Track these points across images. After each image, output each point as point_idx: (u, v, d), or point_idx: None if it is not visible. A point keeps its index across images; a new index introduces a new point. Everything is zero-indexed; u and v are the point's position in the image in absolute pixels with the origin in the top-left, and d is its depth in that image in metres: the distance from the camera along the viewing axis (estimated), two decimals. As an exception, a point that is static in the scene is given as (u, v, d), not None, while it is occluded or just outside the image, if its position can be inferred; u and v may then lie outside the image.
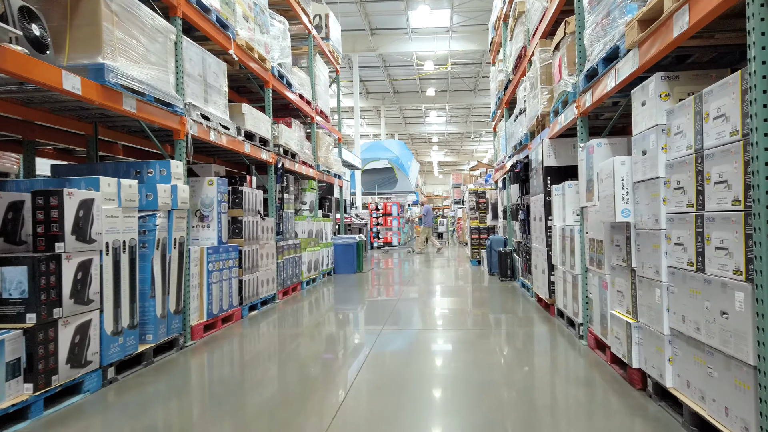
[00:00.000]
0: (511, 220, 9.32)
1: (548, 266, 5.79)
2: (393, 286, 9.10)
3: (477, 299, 7.41)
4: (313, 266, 9.34)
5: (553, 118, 5.54)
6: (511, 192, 8.70)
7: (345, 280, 9.96)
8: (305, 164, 9.15)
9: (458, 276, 10.42)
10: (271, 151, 7.30)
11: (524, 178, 7.46)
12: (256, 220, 6.58)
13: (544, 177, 5.81)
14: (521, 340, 4.80)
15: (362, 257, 11.64)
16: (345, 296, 7.99)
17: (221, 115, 5.70)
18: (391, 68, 24.89)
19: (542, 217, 5.96)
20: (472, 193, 12.48)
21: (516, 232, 8.55)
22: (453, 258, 14.96)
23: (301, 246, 8.65)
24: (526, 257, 7.52)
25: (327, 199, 11.32)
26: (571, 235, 4.78)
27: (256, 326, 5.75)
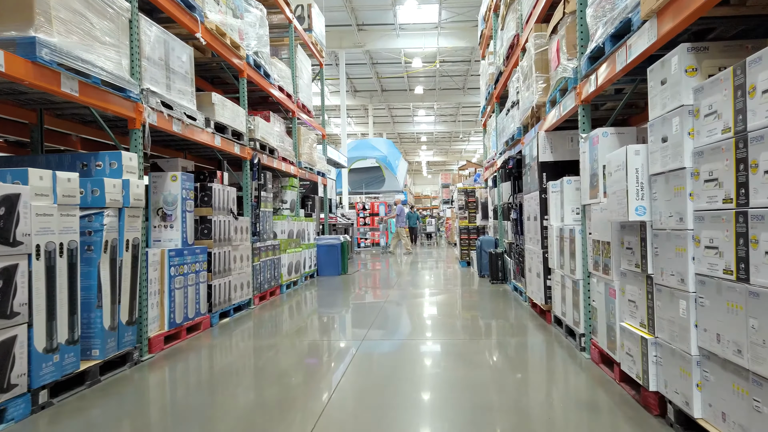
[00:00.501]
0: (502, 219, 8.88)
1: (544, 269, 5.33)
2: (378, 289, 8.62)
3: (467, 304, 6.95)
4: (294, 268, 8.83)
5: (549, 108, 5.09)
6: (503, 190, 8.26)
7: (328, 283, 9.46)
8: (285, 161, 8.64)
9: (447, 278, 9.97)
10: (245, 145, 6.78)
11: (517, 175, 7.02)
12: (228, 219, 6.06)
13: (539, 173, 5.36)
14: (516, 352, 4.34)
15: (347, 259, 11.14)
16: (326, 300, 7.49)
17: (187, 104, 5.18)
18: (378, 66, 24.43)
19: (537, 216, 5.51)
20: (461, 192, 12.03)
21: (507, 233, 8.11)
22: (442, 259, 14.52)
23: (281, 247, 8.14)
24: (519, 259, 7.07)
25: (310, 198, 10.82)
26: (571, 236, 4.32)
27: (227, 335, 5.24)
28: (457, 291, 8.20)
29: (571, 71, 4.22)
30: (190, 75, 5.32)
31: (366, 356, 4.35)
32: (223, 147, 6.08)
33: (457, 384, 3.56)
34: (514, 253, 7.54)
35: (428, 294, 7.92)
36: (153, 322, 4.55)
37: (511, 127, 7.13)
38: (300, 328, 5.56)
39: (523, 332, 5.09)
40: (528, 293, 6.34)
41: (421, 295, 7.86)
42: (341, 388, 3.51)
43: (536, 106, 5.37)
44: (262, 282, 7.28)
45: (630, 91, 3.97)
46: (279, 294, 8.06)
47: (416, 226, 22.05)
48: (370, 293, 8.16)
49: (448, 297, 7.60)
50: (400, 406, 3.17)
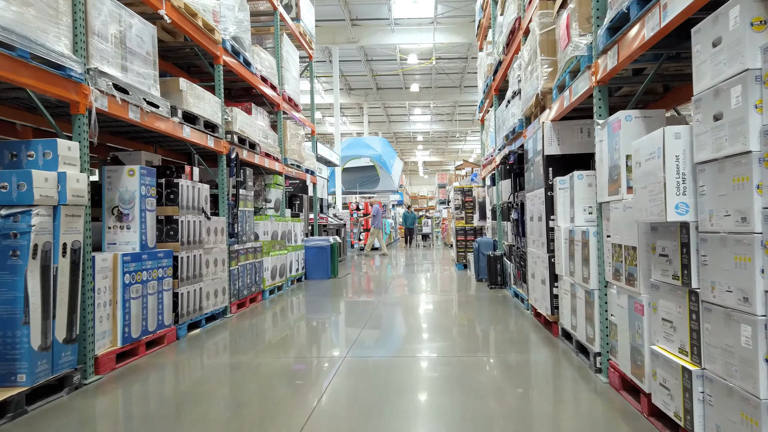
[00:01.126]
0: (501, 220, 8.31)
1: (550, 276, 4.76)
2: (369, 294, 8.04)
3: (464, 312, 6.37)
4: (279, 272, 8.24)
5: (556, 95, 4.52)
6: (502, 189, 7.69)
7: (316, 288, 8.87)
8: (269, 157, 8.04)
9: (443, 283, 9.38)
10: (221, 138, 6.19)
11: (518, 172, 6.44)
12: (200, 219, 5.47)
13: (544, 168, 4.78)
14: (521, 373, 3.75)
15: (337, 261, 10.55)
16: (311, 307, 6.90)
17: (148, 89, 4.58)
18: (373, 62, 23.85)
19: (542, 216, 4.93)
20: (458, 192, 11.46)
21: (507, 234, 7.54)
22: (438, 261, 13.94)
23: (263, 250, 7.54)
24: (520, 263, 6.49)
25: (298, 198, 10.22)
26: (584, 238, 3.75)
27: (194, 350, 4.64)
28: (453, 297, 7.61)
29: (584, 48, 3.65)
30: (152, 57, 4.72)
31: (351, 377, 3.76)
32: (195, 139, 5.49)
33: (454, 418, 2.97)
34: (514, 257, 6.96)
35: (422, 300, 7.33)
36: (102, 337, 3.95)
37: (511, 120, 6.55)
38: (278, 341, 4.96)
39: (528, 347, 4.50)
40: (531, 301, 5.77)
41: (414, 301, 7.28)
42: (315, 419, 2.92)
43: (541, 93, 4.80)
44: (241, 288, 6.68)
45: (653, 71, 3.39)
46: (261, 300, 7.46)
47: (413, 227, 21.49)
48: (360, 299, 7.57)
49: (443, 304, 7.01)
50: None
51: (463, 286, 8.79)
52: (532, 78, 5.10)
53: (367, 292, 8.30)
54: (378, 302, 7.17)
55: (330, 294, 8.12)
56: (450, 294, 7.90)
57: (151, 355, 4.49)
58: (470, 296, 7.59)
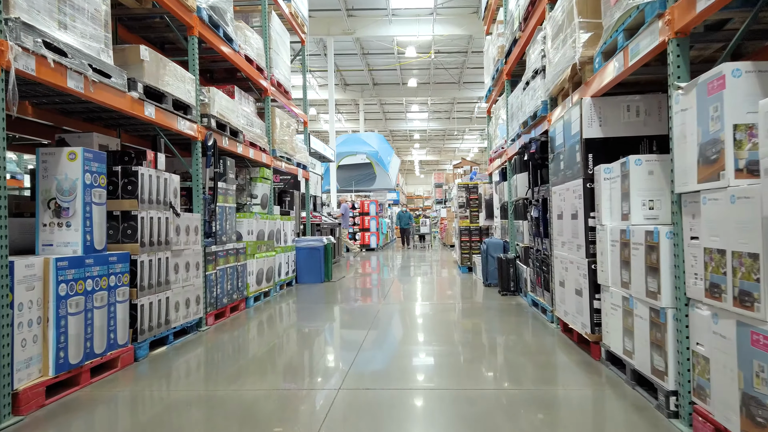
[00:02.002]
0: (513, 219, 7.46)
1: (590, 286, 3.90)
2: (365, 302, 7.17)
3: (475, 325, 5.52)
4: (266, 277, 7.36)
5: (600, 63, 3.67)
6: (517, 183, 6.83)
7: (307, 294, 7.99)
8: (255, 147, 7.17)
9: (448, 288, 8.53)
10: (195, 121, 5.31)
11: (539, 163, 5.60)
12: (166, 216, 4.59)
13: (583, 155, 3.93)
14: (564, 412, 2.89)
15: (331, 263, 9.68)
16: (301, 319, 6.03)
17: (96, 54, 3.71)
18: (370, 56, 22.98)
19: (577, 213, 4.08)
20: (462, 188, 10.60)
21: (523, 235, 6.68)
22: (438, 262, 13.08)
23: (247, 251, 6.66)
24: (542, 268, 5.65)
25: (288, 194, 9.34)
26: (650, 240, 2.90)
27: (152, 377, 3.77)
28: (461, 306, 6.75)
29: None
30: (103, 16, 3.84)
31: (346, 422, 2.90)
32: (161, 121, 4.61)
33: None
34: (533, 260, 6.11)
35: (426, 310, 6.47)
36: (27, 366, 3.07)
37: (531, 104, 5.71)
38: (258, 363, 4.09)
39: (564, 374, 3.65)
40: (558, 313, 4.91)
41: (417, 311, 6.41)
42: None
43: (579, 63, 3.94)
44: (220, 295, 5.80)
45: (749, 20, 2.55)
46: (244, 309, 6.58)
47: (408, 227, 20.63)
48: (356, 307, 6.71)
49: (451, 315, 6.15)
50: None
51: (470, 292, 7.94)
52: (565, 47, 4.25)
53: (363, 299, 7.44)
54: (376, 312, 6.31)
55: (322, 301, 7.25)
56: (457, 301, 7.05)
57: (98, 384, 3.61)
58: (480, 305, 6.73)
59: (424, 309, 6.50)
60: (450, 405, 3.11)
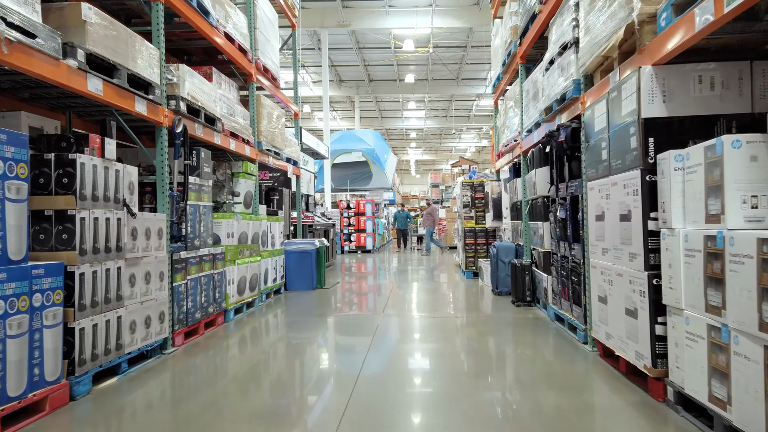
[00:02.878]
0: (529, 220, 6.62)
1: (652, 306, 3.07)
2: (361, 312, 6.32)
3: (491, 347, 4.68)
4: (249, 285, 6.49)
5: (669, 18, 2.83)
6: (536, 179, 5.98)
7: (298, 303, 7.13)
8: (236, 138, 6.31)
9: (453, 296, 7.68)
10: (159, 103, 4.44)
11: (568, 155, 4.75)
12: (117, 216, 3.73)
13: (641, 139, 3.10)
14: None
15: (324, 268, 8.82)
16: (288, 336, 5.17)
17: (15, 6, 2.84)
18: (365, 50, 22.11)
19: (631, 213, 3.25)
20: (466, 187, 9.76)
21: (543, 238, 5.84)
22: (439, 267, 12.23)
23: (226, 257, 5.80)
24: (569, 278, 4.81)
25: (277, 192, 8.48)
26: (763, 252, 2.06)
27: (90, 422, 2.91)
28: (470, 320, 5.91)
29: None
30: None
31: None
32: (111, 99, 3.74)
33: None
34: (557, 268, 5.28)
35: (431, 324, 5.62)
36: None
37: (557, 86, 4.87)
38: (231, 395, 3.23)
39: (618, 425, 2.81)
40: (596, 334, 4.07)
41: (421, 324, 5.57)
42: None
43: (638, 22, 3.10)
44: (191, 310, 4.94)
45: None
46: (222, 324, 5.71)
47: (406, 227, 19.70)
48: (351, 320, 5.86)
49: (460, 332, 5.31)
50: None
51: (479, 301, 7.09)
52: (613, 6, 3.41)
53: (359, 311, 6.59)
54: (375, 328, 5.45)
55: (314, 313, 6.39)
56: (466, 314, 6.20)
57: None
58: (492, 318, 5.89)
59: (429, 324, 5.65)
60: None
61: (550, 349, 4.44)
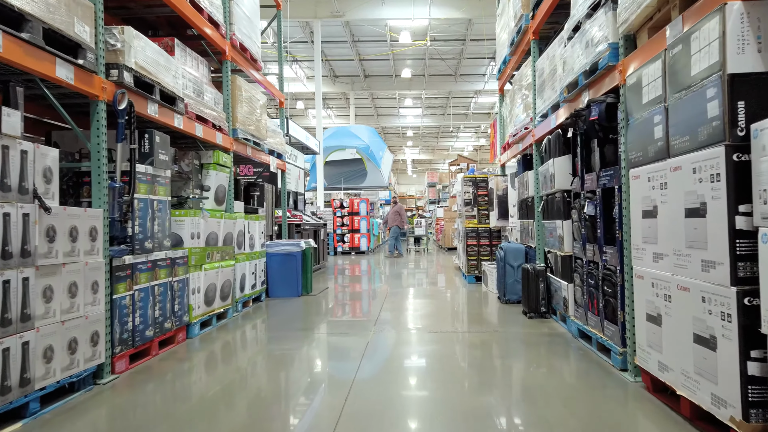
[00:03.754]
0: (543, 219, 5.77)
1: (743, 335, 2.21)
2: (350, 325, 5.45)
3: (502, 373, 3.82)
4: (220, 294, 5.62)
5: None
6: (553, 171, 5.11)
7: (278, 313, 6.27)
8: (205, 123, 5.44)
9: (454, 306, 6.81)
10: (94, 71, 3.56)
11: (599, 137, 3.89)
12: (23, 212, 2.85)
13: (727, 103, 2.24)
14: None
15: (311, 273, 7.95)
16: (263, 356, 4.30)
17: None
18: (360, 44, 21.24)
19: (707, 207, 2.40)
20: (468, 183, 8.90)
21: (561, 239, 4.97)
22: (438, 269, 11.36)
23: (190, 261, 4.92)
24: (600, 288, 3.95)
25: (257, 188, 7.60)
26: None
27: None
28: (477, 336, 5.04)
29: None
30: None
31: None
32: (15, 58, 2.86)
33: None
34: (582, 275, 4.41)
35: (432, 342, 4.75)
36: None
37: (585, 55, 4.01)
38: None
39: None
40: (644, 363, 3.20)
41: (419, 343, 4.70)
42: None
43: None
44: (141, 327, 4.06)
45: None
46: (184, 341, 4.83)
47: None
48: (336, 336, 4.98)
49: (464, 351, 4.44)
50: None
51: (484, 312, 6.23)
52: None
53: (349, 323, 5.72)
54: (365, 347, 4.59)
55: (295, 326, 5.51)
56: (469, 327, 5.33)
57: None
58: (502, 335, 5.02)
59: (427, 342, 4.78)
60: None
61: (580, 377, 3.59)
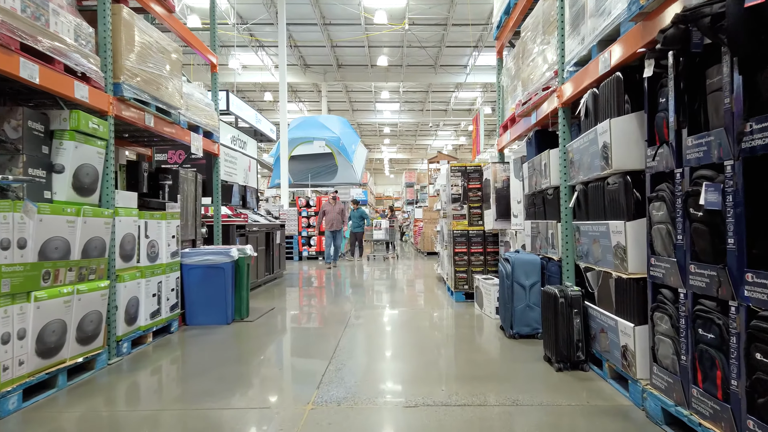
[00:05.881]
0: (570, 220, 3.86)
1: None
2: (281, 391, 3.44)
3: None
4: (77, 334, 3.55)
5: None
6: (608, 141, 3.16)
7: (185, 355, 4.22)
8: (51, 62, 3.39)
9: (438, 342, 4.82)
10: None
11: (747, 57, 1.98)
12: None
13: None
14: None
15: (246, 290, 5.93)
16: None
17: None
18: (332, 27, 19.17)
19: None
20: (457, 173, 6.96)
21: (621, 252, 3.03)
22: (416, 279, 9.38)
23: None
24: (723, 348, 2.03)
25: (169, 175, 5.51)
26: None
27: None
28: (485, 416, 3.07)
29: None
30: None
31: None
32: None
33: None
34: (674, 317, 2.48)
35: (406, 417, 2.77)
36: None
37: None
38: None
39: None
40: None
41: (389, 410, 2.73)
42: None
43: None
44: None
45: None
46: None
47: (361, 230, 14.12)
48: (257, 414, 2.97)
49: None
50: None
51: (485, 356, 4.25)
52: None
53: (282, 379, 3.68)
54: (308, 417, 2.58)
55: (197, 387, 3.46)
56: (474, 392, 3.34)
57: None
58: (527, 411, 3.06)
59: (403, 417, 2.79)
60: None
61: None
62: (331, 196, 12.52)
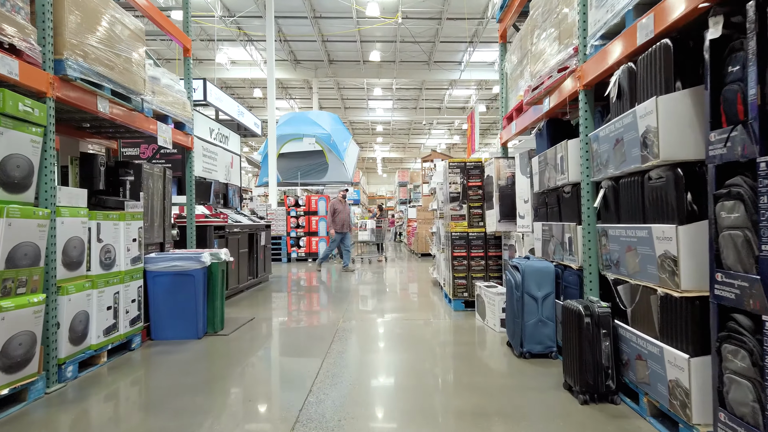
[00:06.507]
0: (594, 222, 3.26)
1: None
2: (265, 418, 2.82)
3: None
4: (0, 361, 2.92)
5: None
6: (655, 124, 2.58)
7: (141, 381, 3.58)
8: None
9: (440, 364, 4.20)
10: None
11: None
12: None
13: None
14: None
15: (221, 299, 5.29)
16: None
17: None
18: (323, 21, 18.52)
19: None
20: (455, 170, 6.36)
21: (673, 263, 2.43)
22: (409, 284, 8.76)
23: None
24: None
25: (131, 170, 4.86)
26: None
27: None
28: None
29: None
30: None
31: None
32: None
33: None
34: (758, 355, 1.89)
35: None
36: None
37: None
38: None
39: None
40: None
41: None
42: None
43: None
44: None
45: None
46: None
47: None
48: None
49: None
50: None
51: (494, 381, 3.63)
52: None
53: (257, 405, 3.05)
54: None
55: (158, 425, 2.83)
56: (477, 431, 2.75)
57: None
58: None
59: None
60: None
61: None
62: (342, 195, 11.71)
